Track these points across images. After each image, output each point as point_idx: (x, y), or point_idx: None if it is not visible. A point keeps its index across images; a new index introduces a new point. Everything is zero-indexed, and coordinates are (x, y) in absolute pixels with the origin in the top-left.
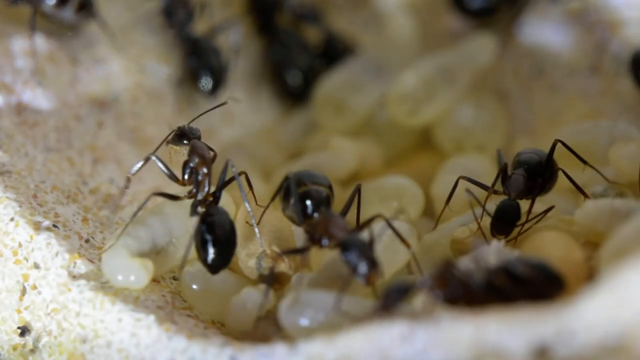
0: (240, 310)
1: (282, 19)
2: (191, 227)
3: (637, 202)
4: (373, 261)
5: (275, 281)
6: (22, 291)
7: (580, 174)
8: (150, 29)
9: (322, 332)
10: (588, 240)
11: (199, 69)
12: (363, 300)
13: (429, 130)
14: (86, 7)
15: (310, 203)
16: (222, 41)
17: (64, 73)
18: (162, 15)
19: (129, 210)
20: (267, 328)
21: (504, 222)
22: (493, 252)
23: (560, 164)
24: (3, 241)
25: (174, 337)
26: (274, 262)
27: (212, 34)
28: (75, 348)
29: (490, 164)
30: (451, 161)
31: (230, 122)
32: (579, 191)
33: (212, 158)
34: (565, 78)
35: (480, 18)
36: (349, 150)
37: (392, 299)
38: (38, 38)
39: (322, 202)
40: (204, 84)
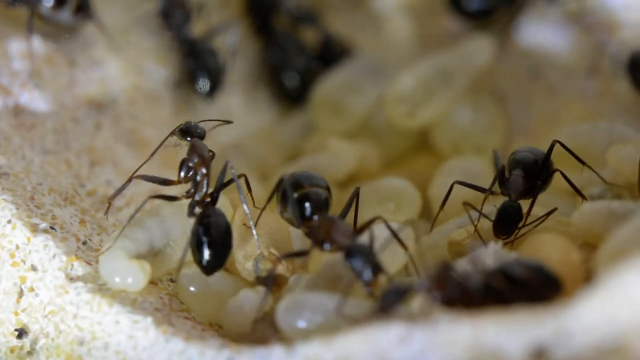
0: (237, 312)
1: (280, 21)
2: (189, 229)
3: (635, 204)
4: (378, 267)
5: (277, 285)
6: (20, 293)
7: (577, 176)
8: (147, 31)
9: (320, 334)
10: (585, 242)
11: (197, 71)
12: (361, 301)
13: (427, 131)
14: (83, 9)
15: (309, 206)
16: (220, 43)
17: (61, 75)
18: (160, 17)
19: (126, 212)
20: (265, 330)
21: (507, 223)
22: (490, 254)
23: (557, 165)
24: (0, 243)
25: (172, 339)
26: (272, 264)
27: (210, 36)
28: (72, 350)
29: (488, 166)
30: (449, 163)
31: (227, 125)
32: (577, 193)
33: (210, 158)
34: (563, 80)
35: (477, 19)
36: (347, 151)
37: (390, 301)
38: (35, 40)
39: (321, 205)
40: (202, 86)
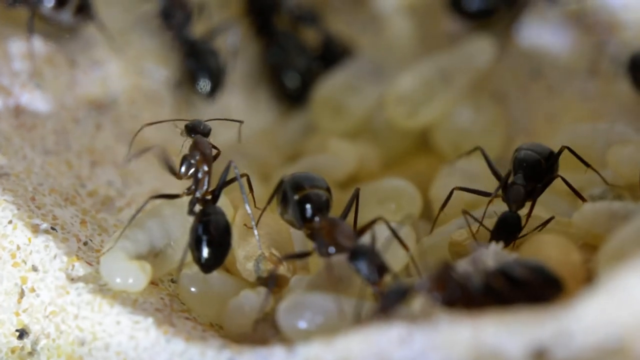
0: (238, 312)
1: (280, 21)
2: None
3: (635, 205)
4: (383, 266)
5: (278, 285)
6: (21, 294)
7: (577, 177)
8: (148, 31)
9: (321, 335)
10: (586, 242)
11: (197, 71)
12: (362, 302)
13: (427, 132)
14: (84, 10)
15: (310, 207)
16: (220, 43)
17: (62, 75)
18: (160, 17)
19: (127, 212)
20: (266, 330)
21: (505, 234)
22: (491, 255)
23: (559, 166)
24: (1, 244)
25: (172, 340)
26: (274, 265)
27: (210, 36)
28: (73, 351)
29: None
30: (449, 164)
31: (228, 124)
32: (577, 195)
33: (215, 156)
34: (563, 80)
35: (478, 20)
36: (347, 152)
37: (391, 302)
38: (36, 40)
39: (322, 206)
40: (202, 86)
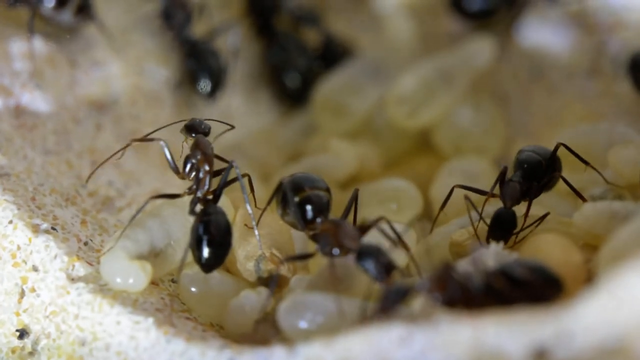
0: (238, 312)
1: (281, 21)
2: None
3: (636, 205)
4: (391, 265)
5: (278, 286)
6: (21, 294)
7: (578, 177)
8: (148, 32)
9: (321, 335)
10: (586, 242)
11: (198, 72)
12: (363, 302)
13: (428, 132)
14: (85, 10)
15: (311, 209)
16: (221, 43)
17: (63, 75)
18: (161, 17)
19: (128, 212)
20: (266, 331)
21: (501, 230)
22: (492, 255)
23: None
24: (2, 244)
25: (173, 340)
26: (274, 265)
27: (211, 37)
28: (73, 351)
29: (489, 166)
30: (450, 163)
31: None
32: (577, 195)
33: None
34: (564, 80)
35: (478, 20)
36: (348, 152)
37: (391, 302)
38: (36, 40)
39: (323, 207)
40: (203, 87)
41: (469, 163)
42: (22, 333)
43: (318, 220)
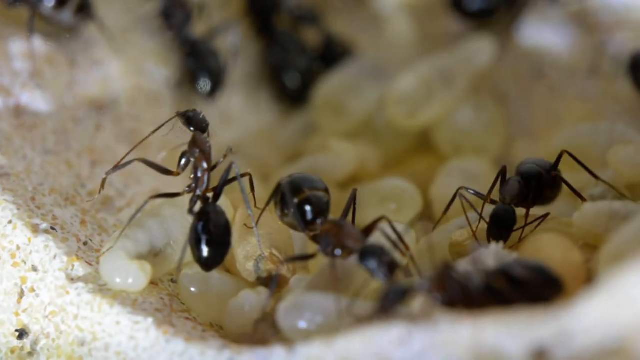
0: (238, 312)
1: (281, 21)
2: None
3: (636, 205)
4: (394, 265)
5: (278, 286)
6: (20, 294)
7: (577, 177)
8: (148, 31)
9: (321, 335)
10: (586, 242)
11: (197, 71)
12: (362, 302)
13: (428, 132)
14: (84, 9)
15: (311, 210)
16: (221, 43)
17: (62, 75)
18: (161, 17)
19: (127, 212)
20: (266, 331)
21: (500, 228)
22: (491, 255)
23: (560, 167)
24: (1, 244)
25: (172, 340)
26: (273, 265)
27: (211, 36)
28: (73, 351)
29: (488, 167)
30: (450, 163)
31: (228, 124)
32: (577, 195)
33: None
34: (564, 80)
35: (479, 20)
36: (348, 152)
37: (391, 302)
38: (36, 40)
39: (323, 208)
40: (203, 86)
41: (469, 163)
42: (22, 333)
43: (318, 221)
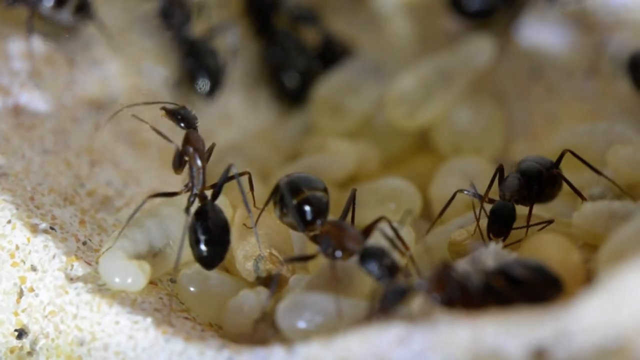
0: (237, 312)
1: (280, 21)
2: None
3: (635, 205)
4: (395, 267)
5: (278, 286)
6: (19, 294)
7: (576, 177)
8: (147, 31)
9: (320, 335)
10: (586, 242)
11: (196, 71)
12: (361, 302)
13: (427, 132)
14: (84, 9)
15: (310, 210)
16: (220, 43)
17: (61, 75)
18: (160, 16)
19: (126, 212)
20: (265, 330)
21: (500, 224)
22: (491, 255)
23: (560, 167)
24: (0, 244)
25: (172, 340)
26: (273, 265)
27: (210, 36)
28: (72, 351)
29: (487, 166)
30: (449, 163)
31: (227, 124)
32: (577, 194)
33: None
34: (563, 80)
35: (478, 20)
36: (347, 152)
37: (390, 302)
38: (35, 40)
39: (323, 208)
40: (202, 86)
41: (468, 163)
42: (21, 333)
43: (318, 221)
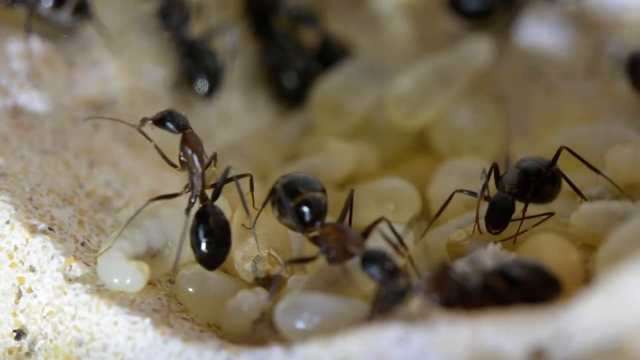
0: (236, 313)
1: (279, 21)
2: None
3: (634, 205)
4: (396, 270)
5: (278, 287)
6: (18, 294)
7: (574, 177)
8: (146, 31)
9: (319, 335)
10: (584, 242)
11: (195, 72)
12: (360, 303)
13: (426, 132)
14: (82, 10)
15: (309, 212)
16: (219, 43)
17: (60, 76)
18: (158, 17)
19: (125, 213)
20: (264, 331)
21: (498, 216)
22: (489, 255)
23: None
24: None
25: (170, 341)
26: (271, 266)
27: (208, 37)
28: (71, 351)
29: (486, 166)
30: (448, 164)
31: (226, 125)
32: (577, 193)
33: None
34: (561, 80)
35: (476, 20)
36: (346, 152)
37: (389, 302)
38: (34, 40)
39: (322, 209)
40: (200, 87)
41: (467, 163)
42: (19, 334)
43: (317, 223)
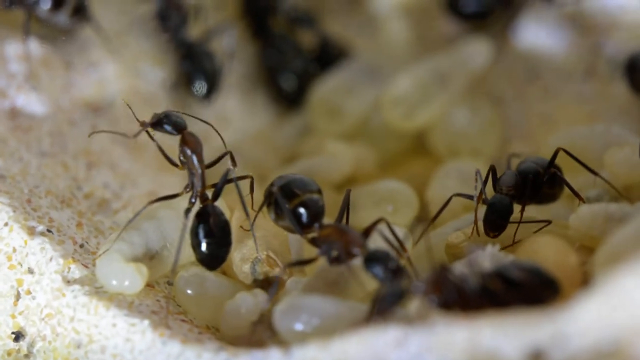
0: (234, 315)
1: (277, 23)
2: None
3: (632, 207)
4: (399, 270)
5: (277, 289)
6: (17, 296)
7: (573, 179)
8: (144, 33)
9: (317, 337)
10: (583, 244)
11: (193, 73)
12: (358, 305)
13: (424, 134)
14: (80, 11)
15: (307, 214)
16: (217, 45)
17: (58, 77)
18: (156, 19)
19: (124, 214)
20: (262, 333)
21: (496, 217)
22: (488, 257)
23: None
24: None
25: (169, 342)
26: (269, 267)
27: (207, 38)
28: (69, 353)
29: (484, 168)
30: (446, 165)
31: (224, 126)
32: (575, 195)
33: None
34: (560, 82)
35: (474, 21)
36: (344, 154)
37: (387, 304)
38: (32, 42)
39: (319, 211)
40: (198, 88)
41: (465, 165)
42: (18, 335)
43: (315, 224)
